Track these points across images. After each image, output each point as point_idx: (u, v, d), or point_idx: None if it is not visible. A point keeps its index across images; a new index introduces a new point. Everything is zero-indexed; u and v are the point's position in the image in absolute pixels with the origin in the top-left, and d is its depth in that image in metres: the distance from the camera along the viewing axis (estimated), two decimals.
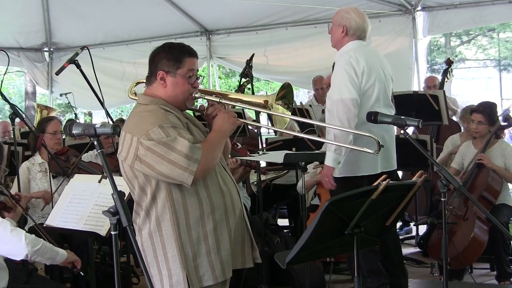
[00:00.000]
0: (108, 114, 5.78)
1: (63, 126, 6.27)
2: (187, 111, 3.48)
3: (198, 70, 3.42)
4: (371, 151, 3.47)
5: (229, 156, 4.19)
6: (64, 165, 5.85)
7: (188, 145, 3.10)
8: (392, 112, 5.09)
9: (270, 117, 8.18)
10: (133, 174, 3.23)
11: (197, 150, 3.12)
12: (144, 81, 3.48)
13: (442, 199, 3.75)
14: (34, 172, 5.93)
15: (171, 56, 3.31)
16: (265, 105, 3.47)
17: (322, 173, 4.97)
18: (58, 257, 4.30)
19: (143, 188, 3.24)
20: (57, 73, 5.61)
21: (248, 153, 7.01)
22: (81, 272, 4.55)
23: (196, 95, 3.41)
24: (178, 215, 3.22)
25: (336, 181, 4.90)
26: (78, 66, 5.48)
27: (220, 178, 3.36)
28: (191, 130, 3.31)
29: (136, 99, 3.54)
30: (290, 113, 3.59)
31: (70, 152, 6.25)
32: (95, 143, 2.78)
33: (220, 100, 3.46)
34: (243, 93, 7.04)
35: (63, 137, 6.44)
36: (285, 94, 3.54)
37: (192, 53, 3.37)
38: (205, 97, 3.47)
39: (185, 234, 3.23)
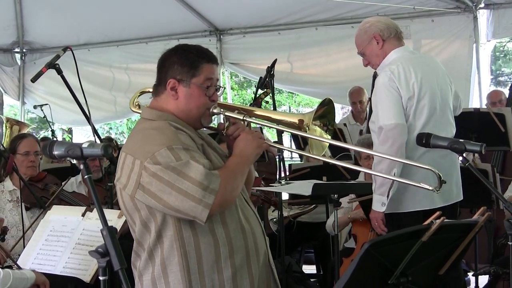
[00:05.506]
0: (95, 132, 5.75)
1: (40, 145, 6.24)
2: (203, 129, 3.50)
3: (217, 80, 3.43)
4: (429, 188, 3.44)
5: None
6: (42, 195, 5.84)
7: (204, 171, 3.07)
8: (453, 131, 5.09)
9: (295, 139, 8.24)
10: (134, 206, 3.21)
11: (214, 178, 3.10)
12: (151, 90, 3.50)
13: (510, 243, 3.70)
14: (3, 201, 5.90)
15: (186, 61, 3.32)
16: (300, 126, 3.45)
17: (371, 217, 4.97)
18: (28, 283, 4.30)
19: (146, 224, 3.22)
20: (33, 80, 5.65)
21: (263, 183, 7.02)
22: None
23: (215, 111, 3.40)
24: (188, 258, 3.19)
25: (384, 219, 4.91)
26: (60, 72, 5.49)
27: (242, 214, 3.34)
28: (207, 154, 3.29)
29: (139, 113, 3.58)
30: (329, 137, 3.59)
31: (49, 179, 6.24)
32: (81, 167, 2.75)
33: (245, 118, 3.47)
34: (260, 107, 7.05)
35: (40, 159, 6.40)
36: (325, 112, 3.53)
37: (211, 58, 3.39)
38: (226, 113, 3.46)
39: (197, 282, 3.20)
